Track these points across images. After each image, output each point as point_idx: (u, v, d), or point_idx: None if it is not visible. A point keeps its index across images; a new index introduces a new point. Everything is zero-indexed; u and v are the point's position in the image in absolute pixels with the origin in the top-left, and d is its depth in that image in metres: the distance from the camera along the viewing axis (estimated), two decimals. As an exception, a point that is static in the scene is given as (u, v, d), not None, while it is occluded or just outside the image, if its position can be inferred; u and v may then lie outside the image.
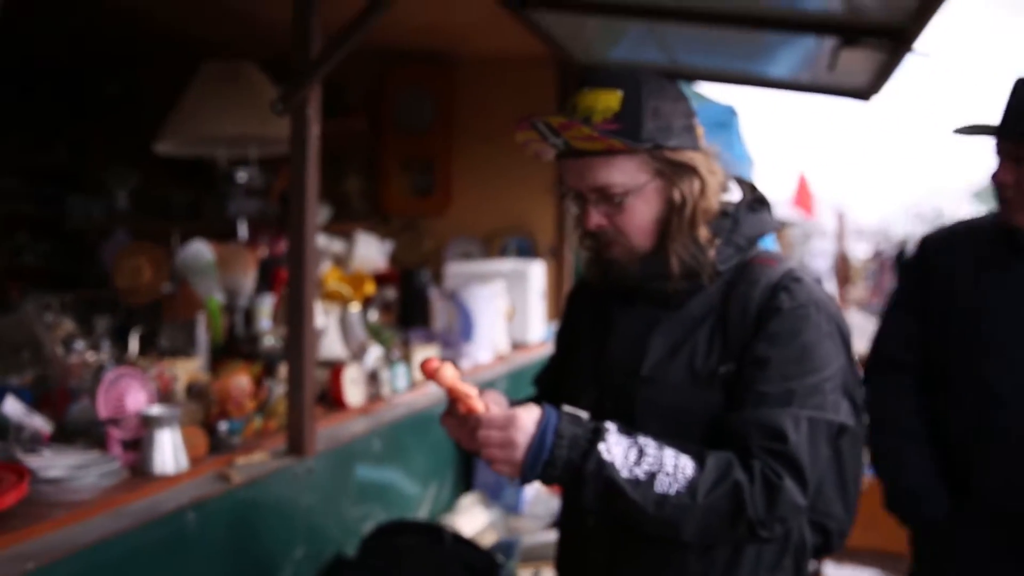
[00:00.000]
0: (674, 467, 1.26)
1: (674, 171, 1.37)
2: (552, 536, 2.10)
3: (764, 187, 1.52)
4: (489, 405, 1.32)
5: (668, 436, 1.33)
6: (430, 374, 1.30)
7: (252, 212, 4.02)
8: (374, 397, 2.64)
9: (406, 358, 2.86)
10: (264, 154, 3.39)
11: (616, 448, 1.27)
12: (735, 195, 1.46)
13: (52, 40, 4.49)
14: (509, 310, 3.66)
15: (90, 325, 2.52)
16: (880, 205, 32.27)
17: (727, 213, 1.42)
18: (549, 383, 1.71)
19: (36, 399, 2.13)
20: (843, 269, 8.05)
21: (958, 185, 21.82)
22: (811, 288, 1.39)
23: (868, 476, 4.39)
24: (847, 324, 1.44)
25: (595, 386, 1.50)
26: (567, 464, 1.26)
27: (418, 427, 2.69)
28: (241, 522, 1.88)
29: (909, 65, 2.83)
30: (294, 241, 2.08)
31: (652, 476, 1.26)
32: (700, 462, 1.28)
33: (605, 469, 1.25)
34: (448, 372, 1.30)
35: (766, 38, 3.06)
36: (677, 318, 1.42)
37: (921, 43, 2.49)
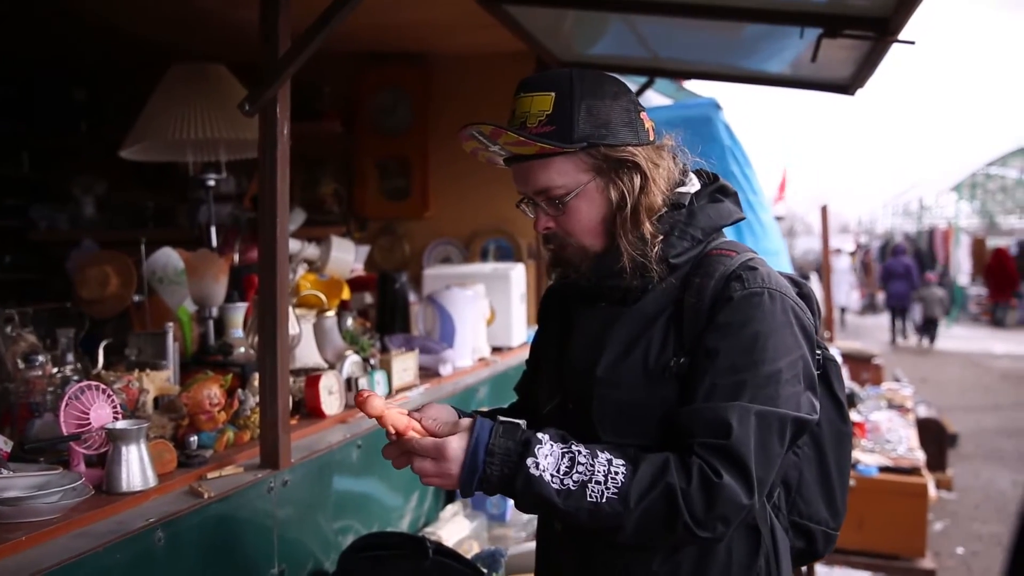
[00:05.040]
0: (605, 475, 1.24)
1: (613, 168, 1.36)
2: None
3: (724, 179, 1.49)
4: (420, 430, 1.32)
5: (625, 434, 1.33)
6: (359, 405, 1.32)
7: (224, 218, 3.93)
8: (351, 406, 2.56)
9: (384, 365, 2.78)
10: (235, 157, 3.31)
11: (547, 460, 1.25)
12: (693, 187, 1.44)
13: (13, 47, 4.38)
14: (490, 314, 3.59)
15: (53, 338, 2.42)
16: (863, 199, 32.62)
17: (682, 205, 1.40)
18: (527, 390, 1.69)
19: (-4, 416, 2.05)
20: (828, 265, 8.08)
21: (938, 178, 22.06)
22: (766, 275, 1.35)
23: (858, 475, 4.38)
24: (809, 314, 1.40)
25: (559, 388, 1.48)
26: (500, 480, 1.27)
27: (398, 435, 2.60)
28: (214, 539, 1.80)
29: (892, 58, 2.79)
30: (265, 246, 1.99)
31: (583, 485, 1.24)
32: (634, 467, 1.24)
33: (534, 484, 1.24)
34: (376, 402, 1.31)
35: (747, 33, 3.02)
36: (634, 314, 1.40)
37: (905, 34, 2.46)
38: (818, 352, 1.43)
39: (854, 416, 4.85)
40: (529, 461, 1.24)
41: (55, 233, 4.84)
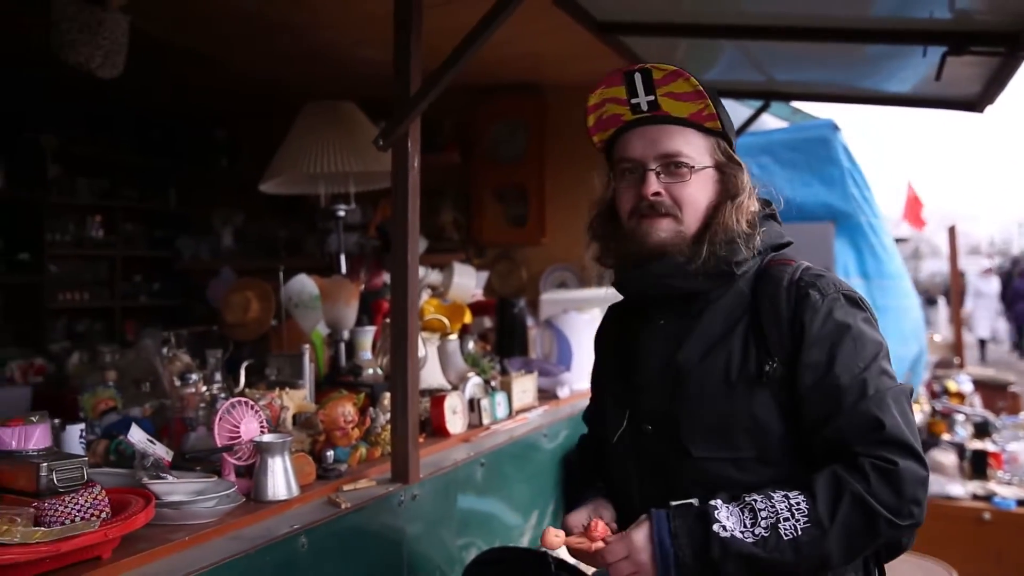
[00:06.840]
0: (788, 509, 1.28)
1: (731, 166, 1.49)
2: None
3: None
4: (603, 537, 1.41)
5: (717, 448, 1.39)
6: (547, 547, 1.44)
7: (351, 246, 4.12)
8: (474, 425, 2.65)
9: (505, 387, 2.86)
10: (363, 189, 3.48)
11: (730, 520, 1.30)
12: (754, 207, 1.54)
13: (163, 95, 4.75)
14: (606, 338, 3.63)
15: (201, 358, 2.62)
16: (996, 219, 30.85)
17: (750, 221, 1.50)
18: (595, 418, 1.74)
19: (156, 429, 2.23)
20: (956, 287, 7.65)
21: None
22: (834, 280, 1.44)
23: (994, 508, 4.11)
24: (869, 303, 1.48)
25: (631, 411, 1.53)
26: (695, 557, 1.30)
27: (519, 455, 2.67)
28: (349, 547, 1.90)
29: (1024, 72, 2.69)
30: (397, 271, 2.10)
31: (774, 527, 1.27)
32: (810, 491, 1.28)
33: (729, 546, 1.28)
34: (551, 540, 1.42)
35: (867, 52, 2.96)
36: (705, 328, 1.47)
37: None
38: None
39: (988, 446, 4.59)
40: (715, 527, 1.29)
41: (198, 262, 5.20)
